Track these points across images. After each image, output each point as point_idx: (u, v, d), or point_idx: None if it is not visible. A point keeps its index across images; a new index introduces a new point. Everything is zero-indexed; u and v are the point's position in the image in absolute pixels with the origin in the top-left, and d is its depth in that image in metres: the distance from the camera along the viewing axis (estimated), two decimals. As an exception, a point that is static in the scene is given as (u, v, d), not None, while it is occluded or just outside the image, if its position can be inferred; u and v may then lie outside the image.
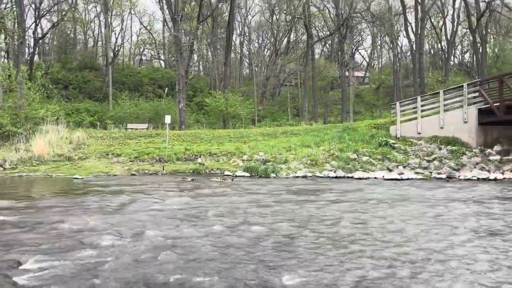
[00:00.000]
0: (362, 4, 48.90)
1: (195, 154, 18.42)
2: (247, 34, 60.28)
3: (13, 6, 28.60)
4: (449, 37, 49.66)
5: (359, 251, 4.91)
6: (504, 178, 13.93)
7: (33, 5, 40.09)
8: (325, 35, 52.97)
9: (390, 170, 15.25)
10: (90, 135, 22.21)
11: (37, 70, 25.38)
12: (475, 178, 14.09)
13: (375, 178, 14.45)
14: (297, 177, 14.82)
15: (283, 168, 15.61)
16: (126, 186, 11.74)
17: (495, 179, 13.84)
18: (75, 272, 4.16)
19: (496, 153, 16.36)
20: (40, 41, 44.23)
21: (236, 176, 15.00)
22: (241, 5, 52.83)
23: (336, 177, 14.76)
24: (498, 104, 16.33)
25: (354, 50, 56.44)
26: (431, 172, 14.91)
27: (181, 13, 33.07)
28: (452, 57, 55.63)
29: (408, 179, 14.16)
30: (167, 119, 20.48)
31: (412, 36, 43.83)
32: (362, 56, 68.71)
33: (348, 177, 14.66)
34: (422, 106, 18.94)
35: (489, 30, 46.72)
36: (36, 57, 44.17)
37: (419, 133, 18.57)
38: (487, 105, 16.93)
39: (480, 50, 39.53)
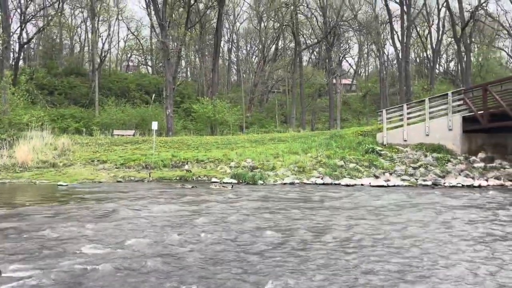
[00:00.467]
0: (349, 12, 49.49)
1: (182, 161, 18.29)
2: (235, 41, 60.50)
3: (-2, 11, 28.23)
4: (434, 46, 50.42)
5: (342, 257, 4.91)
6: (488, 185, 14.12)
7: (18, 10, 39.60)
8: (313, 43, 53.41)
9: (376, 177, 15.34)
10: (76, 142, 21.92)
11: (22, 75, 25.04)
12: (460, 185, 14.26)
13: (362, 185, 14.52)
14: (285, 184, 14.81)
15: (270, 175, 15.59)
16: (112, 193, 11.58)
17: (479, 186, 14.02)
18: (57, 281, 4.06)
19: (481, 160, 16.60)
20: (25, 46, 43.65)
21: (225, 182, 14.93)
22: (229, 12, 53.02)
23: (324, 184, 14.79)
24: (482, 112, 16.58)
25: (341, 58, 56.98)
26: (417, 179, 15.04)
27: (169, 19, 33.02)
28: (437, 66, 56.49)
29: (394, 186, 14.26)
30: (154, 125, 20.32)
31: (398, 45, 44.47)
32: (349, 64, 69.43)
33: (335, 184, 14.71)
34: (408, 113, 19.15)
35: (473, 40, 47.58)
36: (21, 62, 43.57)
37: (405, 140, 18.75)
38: (471, 113, 17.18)
39: (465, 59, 40.18)
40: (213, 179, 15.63)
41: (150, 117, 31.57)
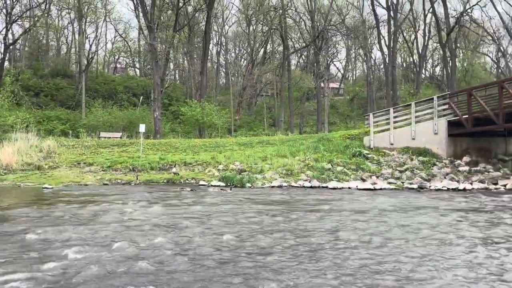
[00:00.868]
0: (337, 17, 49.90)
1: (169, 164, 18.20)
2: (224, 43, 60.53)
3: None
4: (420, 51, 51.16)
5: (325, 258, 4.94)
6: (473, 188, 14.32)
7: (4, 10, 39.07)
8: (301, 47, 53.72)
9: (363, 180, 15.46)
10: (61, 144, 21.67)
11: (7, 77, 24.68)
12: (445, 188, 14.44)
13: (349, 188, 14.61)
14: (273, 186, 14.83)
15: (258, 178, 15.60)
16: (98, 196, 11.47)
17: (464, 189, 14.21)
18: (41, 284, 4.01)
19: (465, 164, 16.84)
20: (11, 47, 43.08)
21: (212, 185, 14.91)
22: (218, 15, 53.01)
23: (311, 187, 14.85)
24: (466, 116, 16.83)
25: (329, 61, 57.41)
26: (403, 182, 15.19)
27: (157, 22, 32.90)
28: (423, 70, 57.31)
29: (381, 189, 14.38)
30: (142, 128, 20.21)
31: (385, 49, 44.99)
32: (337, 68, 69.97)
33: (322, 187, 14.77)
34: (394, 117, 19.35)
35: (458, 45, 48.39)
36: (6, 63, 42.90)
37: (391, 144, 18.94)
38: (456, 117, 17.43)
39: (450, 64, 40.83)
40: (201, 182, 15.60)
41: (137, 119, 31.41)
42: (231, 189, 13.63)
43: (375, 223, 7.49)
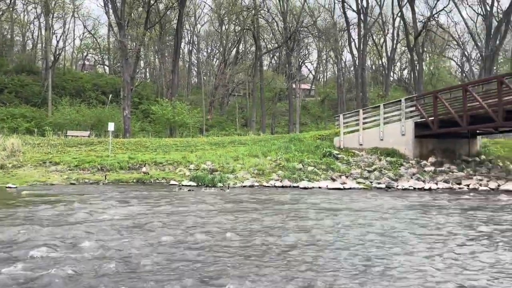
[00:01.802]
0: (309, 19, 50.45)
1: (139, 163, 17.92)
2: (196, 42, 60.05)
3: None
4: (389, 54, 52.38)
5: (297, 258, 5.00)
6: (438, 188, 14.80)
7: (-34, 3, 37.52)
8: (273, 47, 54.02)
9: (333, 180, 15.71)
10: (26, 142, 20.97)
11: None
12: (412, 188, 14.86)
13: (320, 187, 14.81)
14: (244, 186, 14.85)
15: (230, 178, 15.58)
16: (64, 196, 11.17)
17: (429, 189, 14.67)
18: (5, 287, 3.87)
19: (431, 164, 17.38)
20: (-27, 41, 41.37)
21: (182, 185, 14.80)
22: (190, 13, 52.56)
23: (282, 186, 14.97)
24: (432, 118, 17.38)
25: (301, 63, 57.97)
26: (371, 182, 15.53)
27: (128, 19, 32.33)
28: (391, 73, 58.63)
29: (350, 188, 14.65)
30: (111, 126, 19.82)
31: (355, 52, 45.80)
32: (308, 69, 70.73)
33: (293, 187, 14.92)
34: (363, 118, 19.76)
35: (425, 49, 49.83)
36: (-33, 58, 41.21)
37: (361, 145, 19.32)
38: (422, 119, 17.98)
39: (417, 67, 42.02)
40: (172, 182, 15.45)
41: (106, 118, 30.78)
42: (228, 188, 13.80)
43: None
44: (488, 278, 4.37)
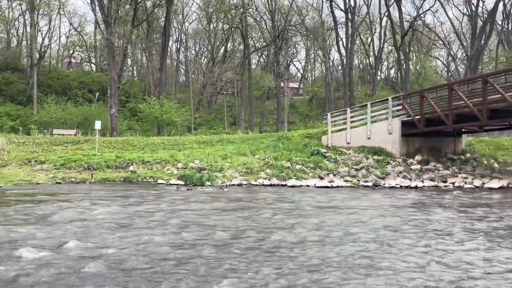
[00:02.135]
0: (297, 17, 50.56)
1: (127, 162, 17.77)
2: (183, 40, 59.74)
3: None
4: (376, 53, 52.75)
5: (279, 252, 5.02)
6: (424, 186, 14.98)
7: None
8: (262, 46, 54.00)
9: (321, 178, 15.78)
10: (11, 141, 20.64)
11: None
12: (398, 186, 15.01)
13: (307, 186, 14.87)
14: (233, 185, 14.83)
15: (218, 176, 15.55)
16: (50, 195, 11.03)
17: (416, 187, 14.83)
18: (-12, 288, 3.82)
19: (417, 162, 17.58)
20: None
21: (170, 184, 14.73)
22: (177, 11, 52.26)
23: (271, 185, 14.99)
24: (419, 117, 17.57)
25: (289, 61, 58.09)
26: (359, 180, 15.64)
27: (115, 16, 32.03)
28: (379, 72, 59.11)
29: (338, 186, 14.74)
30: (97, 124, 19.62)
31: (343, 51, 46.09)
32: (297, 68, 70.87)
33: (282, 185, 14.95)
34: (351, 117, 19.88)
35: (412, 48, 50.31)
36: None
37: (348, 143, 19.44)
38: (409, 118, 18.16)
39: (404, 67, 42.43)
40: (160, 181, 15.37)
41: (93, 116, 30.48)
42: (226, 187, 13.82)
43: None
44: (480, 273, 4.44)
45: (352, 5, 43.84)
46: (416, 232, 6.59)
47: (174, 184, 14.68)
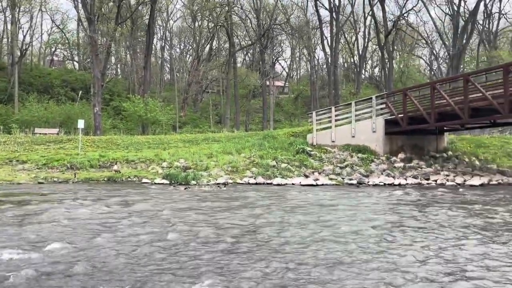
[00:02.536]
0: (282, 16, 50.61)
1: (110, 161, 17.58)
2: (168, 38, 59.25)
3: None
4: (360, 52, 53.17)
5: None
6: (407, 184, 15.18)
7: None
8: (247, 44, 53.90)
9: (306, 177, 15.87)
10: (-9, 140, 20.24)
11: None
12: (382, 183, 15.17)
13: (293, 184, 14.94)
14: (218, 184, 14.80)
15: (204, 175, 15.50)
16: (32, 195, 10.86)
17: (399, 184, 15.02)
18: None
19: (400, 160, 17.80)
20: None
21: (155, 183, 14.64)
22: (162, 9, 51.77)
23: (256, 183, 15.01)
24: (402, 115, 17.80)
25: (274, 60, 58.13)
26: (343, 178, 15.77)
27: (98, 13, 31.58)
28: (363, 71, 59.58)
29: (322, 185, 14.84)
30: (80, 123, 19.37)
31: (328, 50, 46.27)
32: (282, 67, 70.94)
33: (267, 184, 14.99)
34: (336, 116, 20.04)
35: (395, 47, 50.87)
36: None
37: (333, 141, 19.58)
38: (392, 116, 18.38)
39: (388, 65, 42.86)
40: (144, 180, 15.25)
41: (76, 115, 30.06)
42: (225, 186, 13.81)
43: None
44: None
45: (337, 4, 44.11)
46: (403, 230, 6.69)
47: (159, 184, 14.59)
